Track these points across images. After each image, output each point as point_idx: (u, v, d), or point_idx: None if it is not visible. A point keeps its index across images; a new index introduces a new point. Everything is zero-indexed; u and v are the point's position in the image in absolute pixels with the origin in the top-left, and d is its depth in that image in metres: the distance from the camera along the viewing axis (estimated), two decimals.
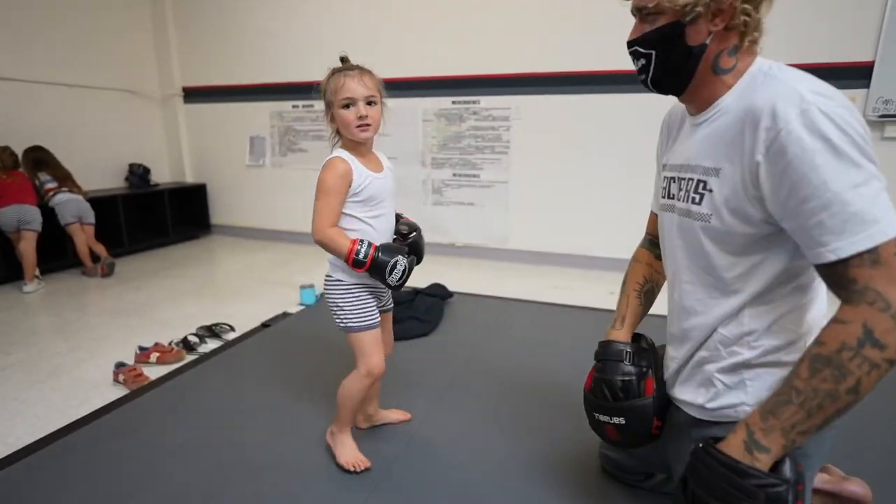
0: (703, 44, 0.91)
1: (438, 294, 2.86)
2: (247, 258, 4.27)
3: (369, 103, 1.33)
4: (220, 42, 4.79)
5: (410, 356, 2.24)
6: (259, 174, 4.87)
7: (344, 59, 1.39)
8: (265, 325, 2.62)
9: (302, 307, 2.87)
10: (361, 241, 1.31)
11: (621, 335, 1.24)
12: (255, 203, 4.96)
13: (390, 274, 1.31)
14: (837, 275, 0.82)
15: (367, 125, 1.32)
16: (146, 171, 4.73)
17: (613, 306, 1.33)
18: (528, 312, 2.80)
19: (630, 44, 0.99)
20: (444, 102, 4.03)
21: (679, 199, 1.05)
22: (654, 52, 0.95)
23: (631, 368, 1.16)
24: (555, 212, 3.89)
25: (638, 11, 0.96)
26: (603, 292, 3.14)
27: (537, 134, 3.83)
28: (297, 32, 4.42)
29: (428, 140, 4.14)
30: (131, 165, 4.69)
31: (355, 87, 1.30)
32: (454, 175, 4.12)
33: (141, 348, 2.28)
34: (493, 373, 2.08)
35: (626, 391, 1.14)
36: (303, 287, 2.93)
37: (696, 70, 0.94)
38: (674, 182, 1.08)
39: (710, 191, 0.95)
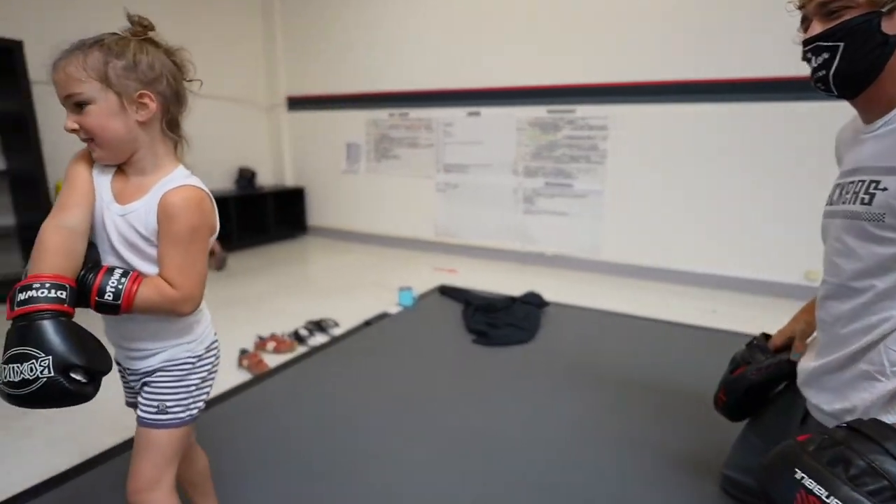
0: None
1: (534, 302, 2.86)
2: (342, 259, 4.48)
3: (78, 105, 0.85)
4: (321, 53, 5.09)
5: (513, 362, 2.26)
6: (354, 180, 5.10)
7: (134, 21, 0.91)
8: (367, 324, 2.74)
9: (400, 308, 2.96)
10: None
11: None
12: (349, 207, 5.20)
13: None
14: None
15: (89, 139, 0.88)
16: (253, 174, 5.10)
17: (714, 325, 1.30)
18: (626, 326, 2.73)
19: (810, 41, 0.97)
20: (539, 111, 4.04)
21: (844, 203, 1.02)
22: (842, 45, 0.92)
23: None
24: (652, 224, 3.77)
25: (822, 7, 0.93)
26: (703, 310, 3.00)
27: (636, 144, 3.74)
28: (395, 43, 4.60)
29: (521, 149, 4.15)
30: (241, 169, 5.07)
31: (56, 79, 0.84)
32: (546, 184, 4.10)
33: (260, 337, 2.46)
34: (596, 383, 2.05)
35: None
36: (401, 289, 3.03)
37: (886, 64, 0.90)
38: (839, 188, 1.05)
39: (885, 189, 0.91)
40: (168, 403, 0.98)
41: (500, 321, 2.58)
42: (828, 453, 0.80)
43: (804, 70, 1.03)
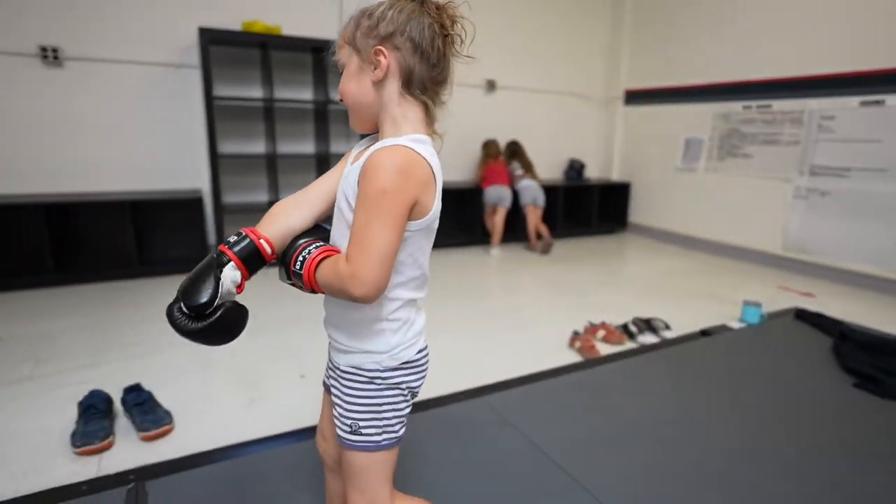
0: None
1: None
2: (664, 261, 4.23)
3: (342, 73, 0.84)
4: (667, 44, 4.82)
5: None
6: (689, 178, 4.72)
7: None
8: (704, 333, 2.50)
9: (743, 324, 2.61)
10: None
11: None
12: (678, 207, 4.85)
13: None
14: None
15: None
16: (583, 166, 5.25)
17: None
18: None
19: None
20: None
21: None
22: None
23: None
24: None
25: None
26: None
27: None
28: (757, 25, 3.99)
29: None
30: (571, 161, 5.29)
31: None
32: None
33: (591, 323, 2.52)
34: None
35: None
36: (746, 303, 2.66)
37: None
38: None
39: None
40: (361, 423, 0.84)
41: None
42: None
43: None
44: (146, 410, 1.66)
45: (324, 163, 3.93)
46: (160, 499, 1.29)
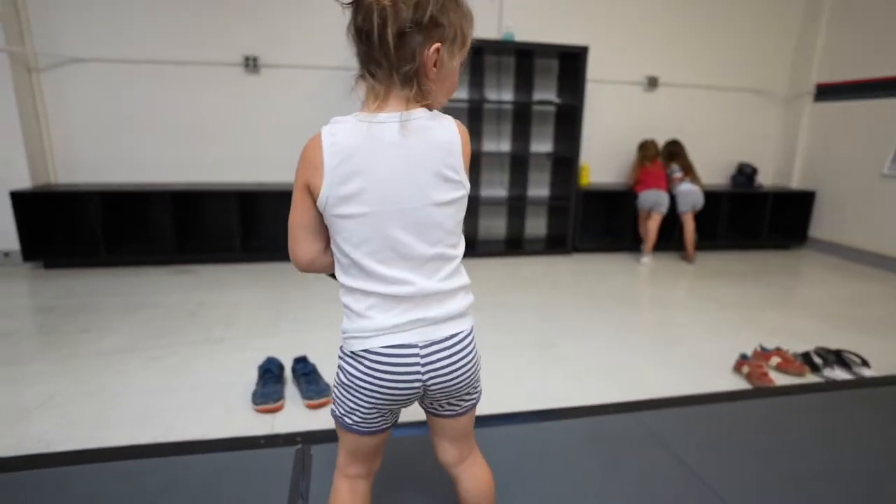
0: None
1: None
2: (856, 285, 3.57)
3: None
4: (874, 27, 4.05)
5: None
6: None
7: None
8: None
9: None
10: None
11: None
12: (881, 221, 4.07)
13: None
14: None
15: None
16: (754, 171, 4.67)
17: None
18: None
19: None
20: None
21: None
22: None
23: None
24: None
25: None
26: None
27: None
28: None
29: None
30: (741, 165, 4.73)
31: None
32: None
33: (762, 348, 2.22)
34: None
35: None
36: None
37: None
38: None
39: None
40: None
41: None
42: None
43: None
44: (311, 381, 1.83)
45: (520, 162, 4.06)
46: (322, 463, 1.41)
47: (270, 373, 1.82)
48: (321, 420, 1.69)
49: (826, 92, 4.54)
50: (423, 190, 0.77)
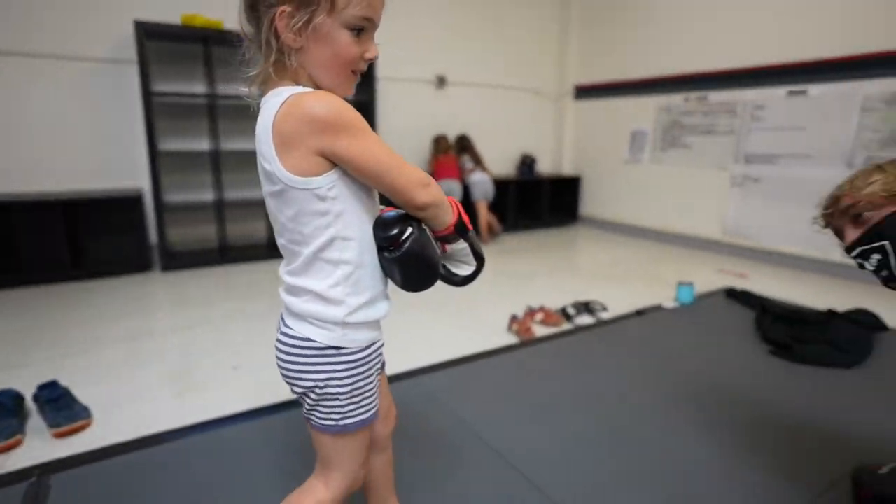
0: None
1: (864, 322, 2.23)
2: (613, 250, 4.32)
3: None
4: (613, 40, 4.95)
5: (820, 386, 1.81)
6: (635, 170, 4.85)
7: None
8: (639, 313, 2.57)
9: (677, 304, 2.69)
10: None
11: None
12: (626, 198, 4.97)
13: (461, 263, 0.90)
14: None
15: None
16: (534, 161, 5.33)
17: None
18: None
19: (851, 249, 0.99)
20: None
21: None
22: (887, 242, 0.94)
23: None
24: None
25: (847, 214, 0.99)
26: None
27: None
28: (695, 19, 4.14)
29: (864, 135, 3.27)
30: (524, 156, 5.36)
31: (381, 3, 0.75)
32: None
33: (529, 307, 2.56)
34: None
35: None
36: (680, 284, 2.75)
37: None
38: None
39: None
40: None
41: (811, 336, 2.10)
42: None
43: None
44: (61, 407, 1.60)
45: None
46: (64, 492, 1.25)
47: (2, 406, 1.55)
48: (75, 447, 1.49)
49: (583, 92, 5.39)
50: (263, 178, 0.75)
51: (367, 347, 0.83)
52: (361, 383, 0.82)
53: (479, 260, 0.88)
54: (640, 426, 1.57)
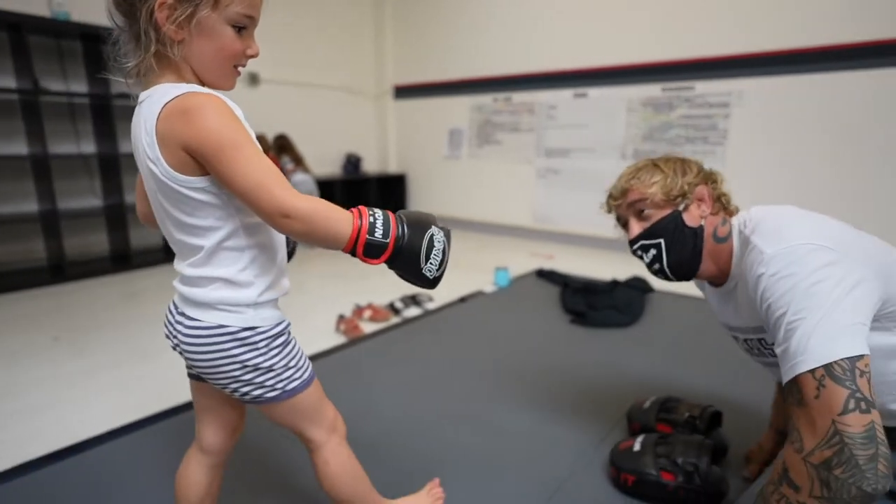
0: (699, 225, 1.04)
1: (638, 287, 2.66)
2: None
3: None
4: (428, 41, 5.17)
5: (609, 343, 2.12)
6: (455, 166, 5.13)
7: None
8: (462, 300, 2.72)
9: (496, 288, 2.91)
10: (367, 208, 0.79)
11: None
12: (449, 193, 5.23)
13: (427, 260, 0.81)
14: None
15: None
16: (359, 160, 5.32)
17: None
18: None
19: (634, 241, 1.09)
20: (653, 90, 3.76)
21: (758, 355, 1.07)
22: (662, 240, 1.05)
23: None
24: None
25: (633, 207, 1.08)
26: None
27: (762, 123, 3.35)
28: (501, 26, 4.54)
29: (631, 131, 3.90)
30: (348, 155, 5.32)
31: (261, 1, 0.77)
32: None
33: (357, 306, 2.54)
34: (697, 366, 1.85)
35: None
36: (497, 269, 2.98)
37: (704, 245, 1.04)
38: (748, 342, 1.07)
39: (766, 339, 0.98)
40: None
41: (601, 303, 2.44)
42: None
43: None
44: None
45: (110, 163, 3.38)
46: None
47: None
48: None
49: (402, 92, 5.52)
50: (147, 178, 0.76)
51: (278, 325, 0.85)
52: (286, 350, 0.85)
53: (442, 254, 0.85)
54: (467, 405, 1.66)
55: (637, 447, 1.26)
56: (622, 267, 3.45)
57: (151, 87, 0.72)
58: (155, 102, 0.69)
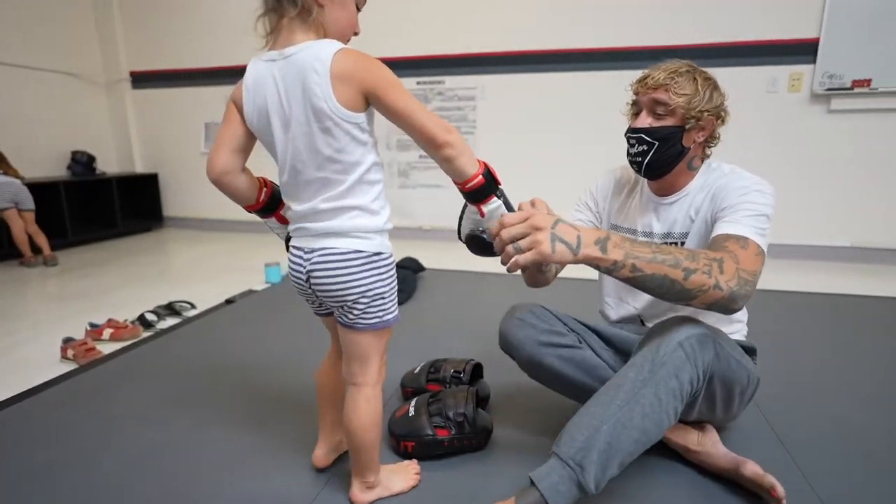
0: (689, 147, 1.17)
1: (411, 267, 2.80)
2: (205, 248, 4.06)
3: None
4: (168, 24, 4.57)
5: None
6: None
7: None
8: (229, 302, 2.48)
9: (267, 285, 2.74)
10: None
11: None
12: (211, 193, 4.69)
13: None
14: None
15: None
16: (91, 158, 4.44)
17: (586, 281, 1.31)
18: (502, 283, 2.77)
19: (636, 130, 1.17)
20: (409, 83, 3.98)
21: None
22: (657, 143, 1.15)
23: None
24: (524, 192, 3.89)
25: (655, 104, 1.15)
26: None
27: (503, 113, 3.84)
28: (249, 12, 4.26)
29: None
30: (74, 153, 4.39)
31: None
32: (420, 157, 4.07)
33: (92, 325, 2.10)
34: (472, 336, 2.04)
35: None
36: (268, 265, 2.80)
37: (680, 164, 1.18)
38: (647, 239, 1.26)
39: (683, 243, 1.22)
40: None
41: None
42: None
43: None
44: None
45: None
46: None
47: None
48: None
49: (142, 79, 4.77)
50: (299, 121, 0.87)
51: (392, 255, 0.99)
52: (395, 283, 1.00)
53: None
54: (227, 416, 1.50)
55: (412, 412, 1.30)
56: (401, 253, 3.58)
57: (295, 44, 0.85)
58: (321, 51, 0.83)
